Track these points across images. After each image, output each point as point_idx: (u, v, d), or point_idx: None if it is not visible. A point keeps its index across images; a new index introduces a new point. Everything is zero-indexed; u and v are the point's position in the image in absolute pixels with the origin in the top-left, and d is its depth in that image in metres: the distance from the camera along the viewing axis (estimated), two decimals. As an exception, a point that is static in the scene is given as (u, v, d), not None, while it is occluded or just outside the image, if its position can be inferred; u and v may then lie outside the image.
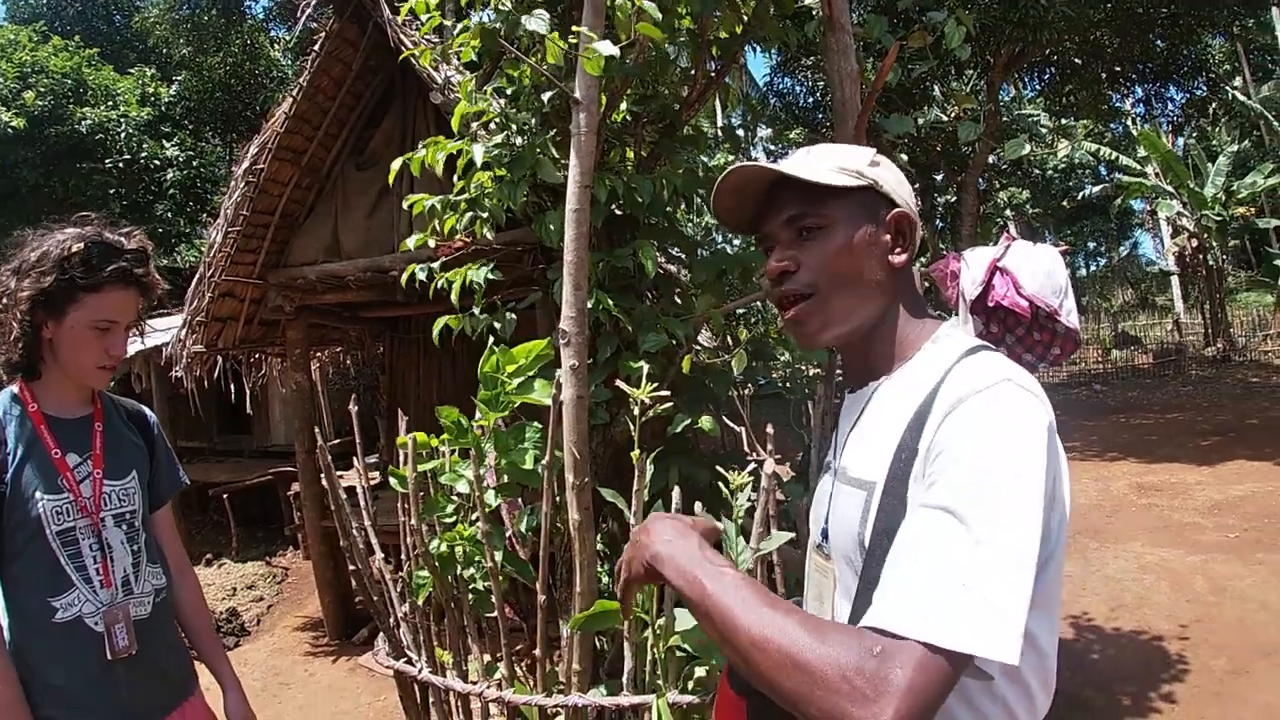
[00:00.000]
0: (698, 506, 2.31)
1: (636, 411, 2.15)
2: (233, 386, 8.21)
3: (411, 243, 3.64)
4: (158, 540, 2.20)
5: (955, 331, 1.23)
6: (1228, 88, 21.70)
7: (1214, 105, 18.75)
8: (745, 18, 3.46)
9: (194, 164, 16.93)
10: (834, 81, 3.12)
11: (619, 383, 2.23)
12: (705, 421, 3.13)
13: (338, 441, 9.04)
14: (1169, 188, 21.56)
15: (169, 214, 17.30)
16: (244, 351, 7.64)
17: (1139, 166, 23.38)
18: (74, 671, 1.89)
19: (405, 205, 3.60)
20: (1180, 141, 26.20)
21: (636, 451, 2.15)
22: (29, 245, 1.93)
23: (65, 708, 1.88)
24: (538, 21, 2.60)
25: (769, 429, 2.63)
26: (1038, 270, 1.84)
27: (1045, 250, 2.69)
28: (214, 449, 12.35)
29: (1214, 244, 21.42)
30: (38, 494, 1.88)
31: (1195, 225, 21.36)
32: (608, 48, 2.32)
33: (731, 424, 4.68)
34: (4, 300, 1.89)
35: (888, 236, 1.23)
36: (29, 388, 1.96)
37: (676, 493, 2.25)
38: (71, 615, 1.89)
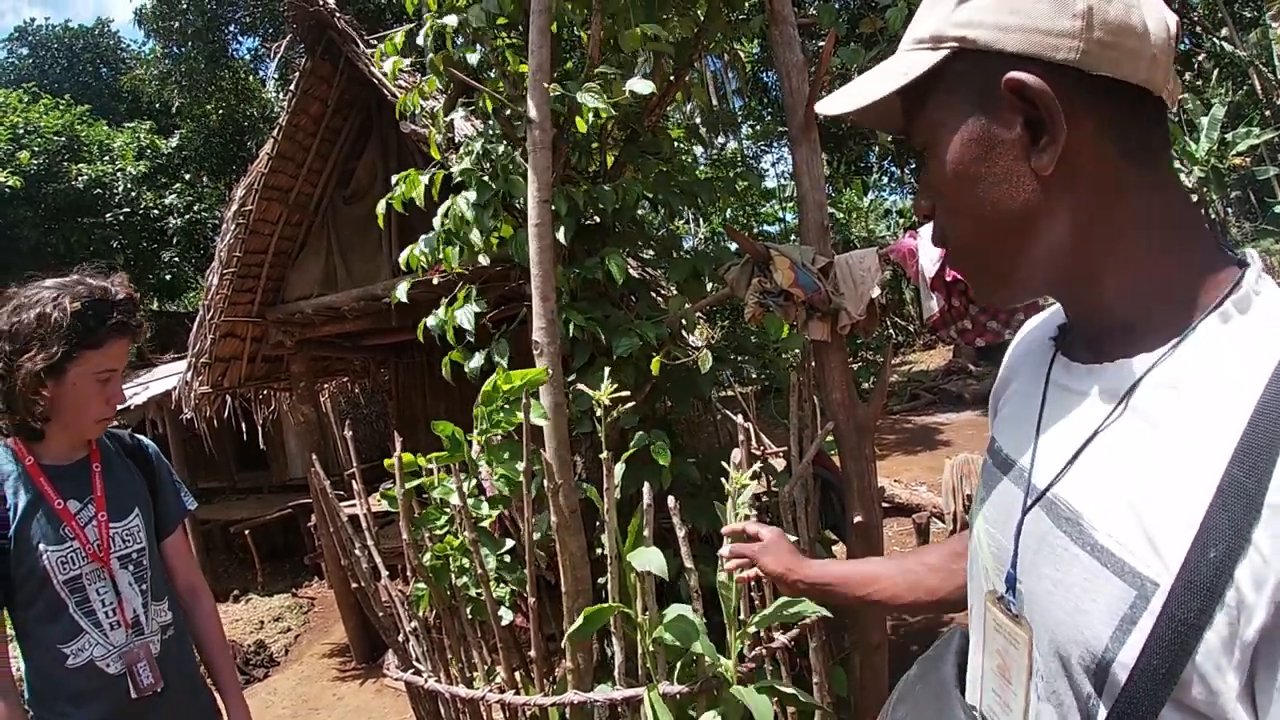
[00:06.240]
0: (670, 500, 2.40)
1: (600, 413, 2.23)
2: (243, 425, 8.34)
3: (402, 293, 3.72)
4: (171, 569, 2.21)
5: (1266, 287, 0.74)
6: (1213, 38, 21.54)
7: (1200, 58, 18.66)
8: (700, 18, 3.55)
9: (195, 209, 17.16)
10: (781, 73, 3.20)
11: (580, 386, 2.30)
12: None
13: (362, 468, 9.10)
14: (1164, 146, 21.34)
15: (174, 260, 17.56)
16: (251, 389, 7.77)
17: (1132, 127, 23.12)
18: (95, 714, 1.91)
19: (402, 261, 3.63)
20: (1173, 98, 25.90)
21: (604, 453, 2.23)
22: (18, 305, 1.88)
23: None
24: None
25: (740, 420, 2.71)
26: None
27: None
28: (234, 487, 12.51)
29: (1214, 197, 21.27)
30: (42, 546, 1.88)
31: (1193, 180, 21.21)
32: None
33: (735, 418, 4.76)
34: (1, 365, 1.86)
35: (1016, 130, 0.76)
36: (24, 442, 1.95)
37: (646, 489, 2.32)
38: (84, 660, 1.91)
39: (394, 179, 3.54)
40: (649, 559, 2.19)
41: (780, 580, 1.42)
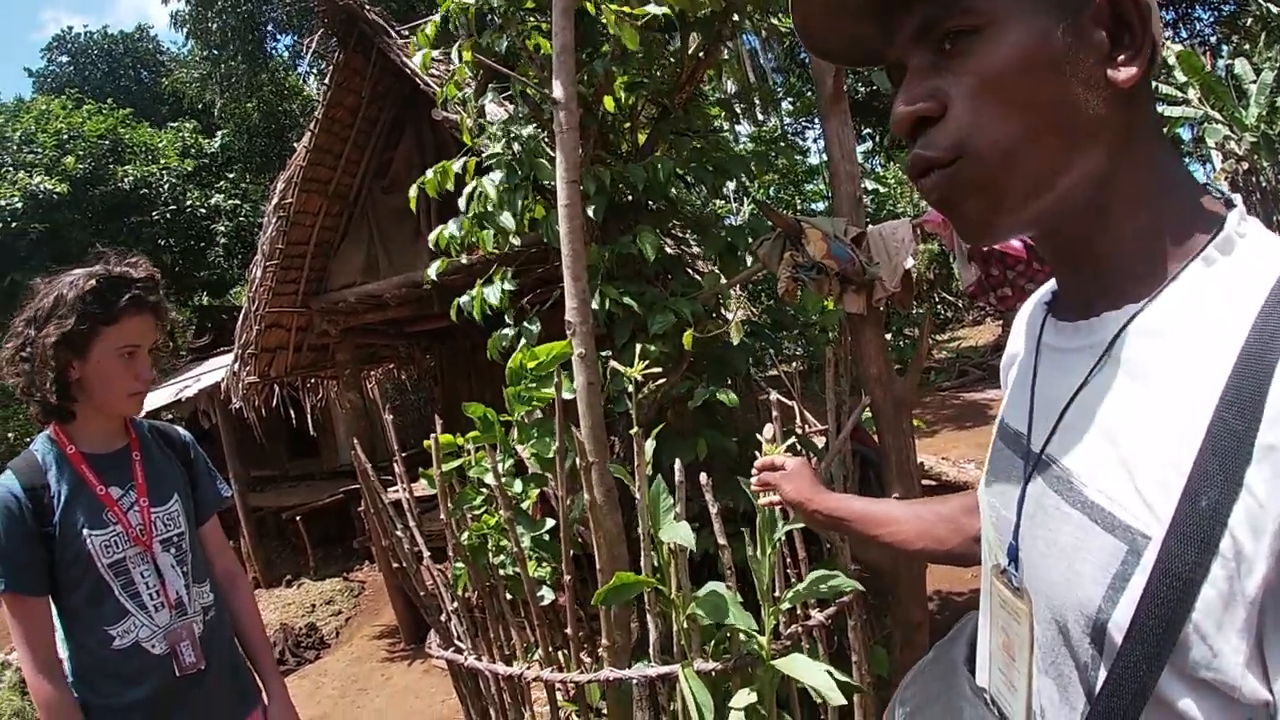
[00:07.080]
0: (703, 477, 2.40)
1: (631, 389, 2.23)
2: (293, 413, 8.50)
3: (433, 272, 3.78)
4: (208, 555, 2.27)
5: (1251, 229, 0.71)
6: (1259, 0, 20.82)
7: (1246, 22, 18.09)
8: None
9: (241, 212, 17.41)
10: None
11: (613, 363, 2.31)
12: (724, 394, 3.19)
13: (409, 453, 9.21)
14: (1214, 113, 20.75)
15: (220, 259, 17.87)
16: (298, 378, 7.91)
17: (1180, 94, 22.54)
18: (141, 693, 1.98)
19: (431, 241, 3.70)
20: (1220, 64, 25.20)
21: (635, 429, 2.24)
22: (40, 293, 1.99)
23: None
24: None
25: (775, 396, 2.71)
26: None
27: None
28: (286, 475, 12.76)
29: (1264, 164, 20.60)
30: (86, 531, 1.95)
31: (1244, 147, 20.55)
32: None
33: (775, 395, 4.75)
34: (27, 350, 1.95)
35: (1100, 34, 0.71)
36: (64, 430, 2.02)
37: (678, 465, 2.32)
38: (129, 642, 1.97)
39: (430, 170, 3.58)
40: (677, 532, 2.20)
41: (799, 508, 1.45)
